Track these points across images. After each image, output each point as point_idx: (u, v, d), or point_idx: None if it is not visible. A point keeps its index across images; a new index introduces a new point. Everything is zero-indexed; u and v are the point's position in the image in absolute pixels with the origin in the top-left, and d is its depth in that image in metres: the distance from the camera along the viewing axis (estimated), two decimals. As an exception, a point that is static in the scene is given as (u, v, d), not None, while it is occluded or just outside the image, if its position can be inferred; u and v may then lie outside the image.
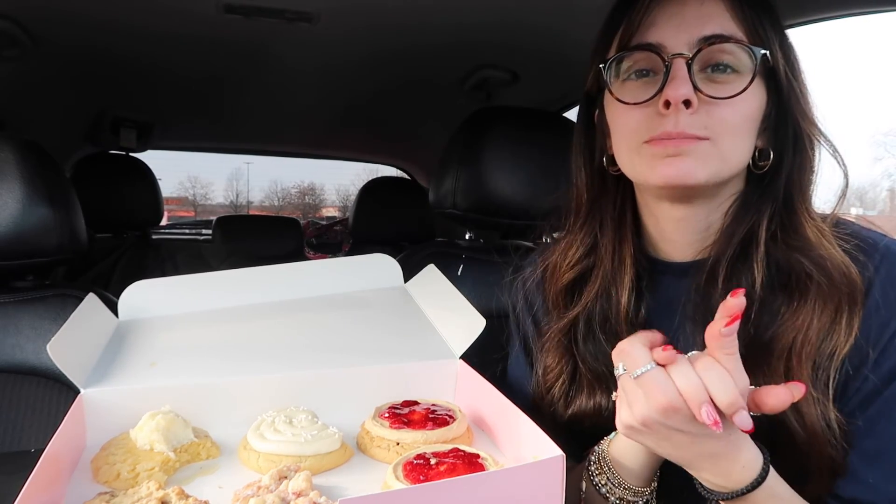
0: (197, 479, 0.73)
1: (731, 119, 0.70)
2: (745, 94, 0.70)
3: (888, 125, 15.89)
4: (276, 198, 16.78)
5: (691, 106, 0.69)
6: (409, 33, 1.46)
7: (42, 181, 1.12)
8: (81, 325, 0.91)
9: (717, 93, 0.70)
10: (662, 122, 0.71)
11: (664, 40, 0.72)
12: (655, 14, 0.73)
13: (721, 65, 0.71)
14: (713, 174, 0.72)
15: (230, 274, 1.10)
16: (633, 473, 0.73)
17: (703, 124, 0.70)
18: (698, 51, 0.70)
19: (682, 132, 0.70)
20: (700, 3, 0.72)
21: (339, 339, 0.99)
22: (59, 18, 1.38)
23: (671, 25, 0.72)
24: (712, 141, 0.70)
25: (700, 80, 0.70)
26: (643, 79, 0.74)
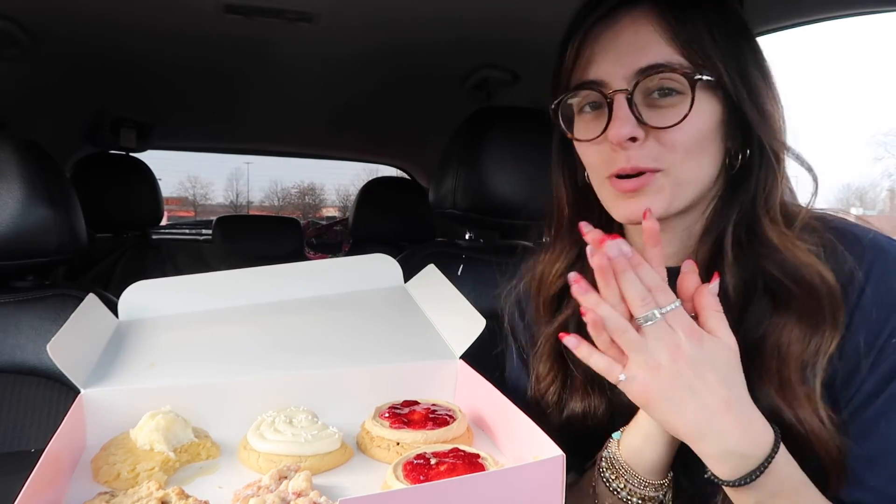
0: (197, 479, 0.73)
1: (682, 142, 0.71)
2: (692, 117, 0.70)
3: (888, 125, 15.89)
4: (276, 198, 16.77)
5: (637, 140, 0.70)
6: (409, 33, 1.46)
7: (42, 181, 1.12)
8: (81, 325, 0.91)
9: (662, 122, 0.70)
10: (616, 159, 0.72)
11: (603, 76, 0.73)
12: (593, 47, 0.74)
13: (663, 89, 0.71)
14: (670, 204, 0.72)
15: (230, 274, 1.10)
16: (649, 468, 0.73)
17: (654, 156, 0.71)
18: (636, 84, 0.70)
19: (635, 167, 0.71)
20: (634, 32, 0.72)
21: (340, 339, 0.99)
22: (59, 18, 1.38)
23: (608, 60, 0.73)
24: (665, 171, 0.71)
25: (644, 109, 0.71)
26: (596, 111, 0.76)
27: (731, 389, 0.64)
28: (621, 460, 0.74)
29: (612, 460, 0.75)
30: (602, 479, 0.75)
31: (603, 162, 0.75)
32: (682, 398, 0.63)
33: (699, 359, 0.63)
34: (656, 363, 0.63)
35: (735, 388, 0.64)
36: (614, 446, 0.75)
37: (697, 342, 0.63)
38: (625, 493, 0.73)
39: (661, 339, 0.63)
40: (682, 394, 0.63)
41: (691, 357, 0.63)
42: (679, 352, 0.63)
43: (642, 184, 0.72)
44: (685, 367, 0.63)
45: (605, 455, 0.76)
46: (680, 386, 0.63)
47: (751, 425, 0.64)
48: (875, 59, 29.42)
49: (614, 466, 0.74)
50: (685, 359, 0.63)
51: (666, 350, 0.63)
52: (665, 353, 0.63)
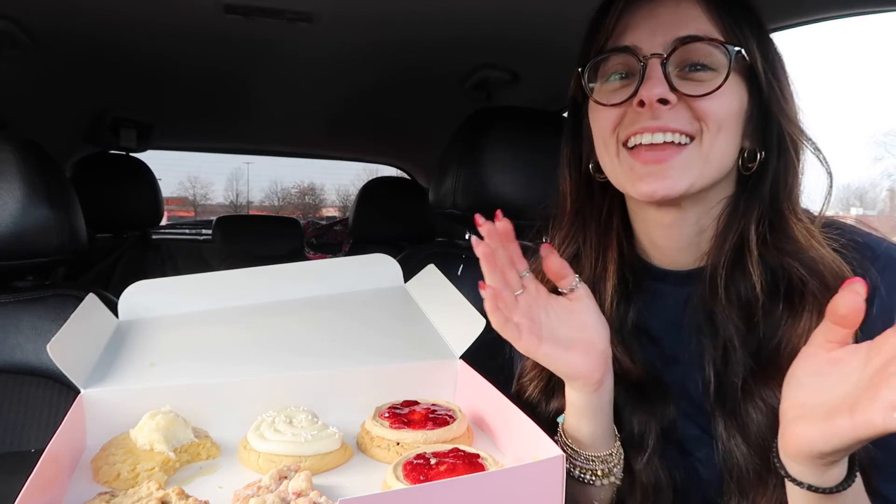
0: (197, 479, 0.73)
1: (714, 114, 0.70)
2: (724, 91, 0.70)
3: (888, 125, 15.88)
4: (276, 198, 16.77)
5: (668, 104, 0.70)
6: (409, 33, 1.46)
7: (42, 181, 1.12)
8: (81, 325, 0.91)
9: (694, 91, 0.70)
10: (640, 119, 0.71)
11: (639, 42, 0.72)
12: (630, 17, 0.74)
13: (697, 64, 0.71)
14: (695, 180, 0.71)
15: (230, 274, 1.10)
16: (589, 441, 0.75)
17: (687, 119, 0.71)
18: (673, 50, 0.70)
19: (663, 126, 0.70)
20: (676, 5, 0.72)
21: (340, 339, 0.99)
22: (59, 19, 1.38)
23: (646, 28, 0.72)
24: (697, 140, 0.71)
25: (677, 79, 0.71)
26: (622, 80, 0.75)
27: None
28: (568, 441, 0.77)
29: (563, 444, 0.78)
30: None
31: (624, 125, 0.73)
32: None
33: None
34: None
35: None
36: (560, 428, 0.78)
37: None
38: (577, 471, 0.76)
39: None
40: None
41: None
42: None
43: (666, 157, 0.71)
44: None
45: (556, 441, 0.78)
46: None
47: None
48: (875, 59, 29.43)
49: (564, 448, 0.77)
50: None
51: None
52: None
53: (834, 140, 0.77)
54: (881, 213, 12.36)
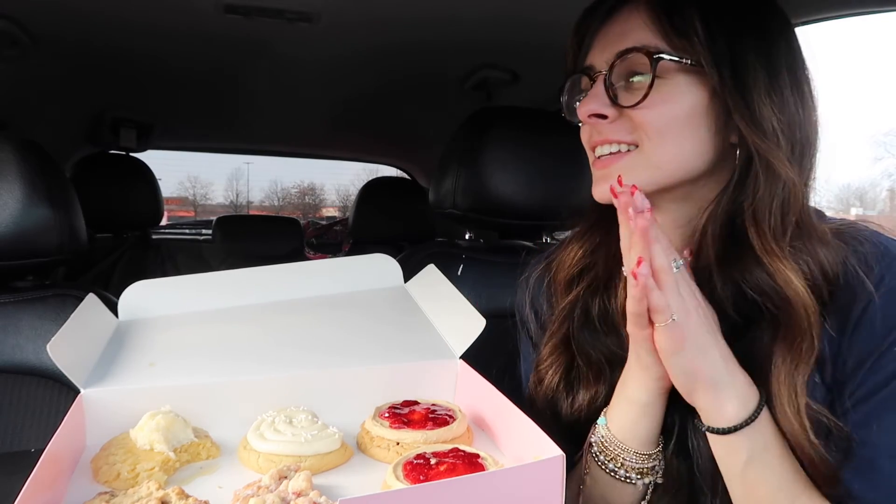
0: (197, 479, 0.73)
1: (653, 122, 0.72)
2: (663, 95, 0.71)
3: (888, 125, 15.87)
4: (276, 198, 16.77)
5: (607, 118, 0.75)
6: (409, 33, 1.46)
7: (42, 181, 1.12)
8: (81, 325, 0.91)
9: (628, 101, 0.73)
10: (592, 133, 0.78)
11: (593, 61, 0.78)
12: (589, 38, 0.79)
13: (635, 73, 0.74)
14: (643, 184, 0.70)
15: (230, 274, 1.10)
16: (644, 440, 0.75)
17: (626, 129, 0.74)
18: (611, 66, 0.74)
19: (605, 139, 0.76)
20: (625, 21, 0.76)
21: (339, 339, 0.99)
22: (59, 19, 1.38)
23: (598, 46, 0.78)
24: (640, 149, 0.74)
25: (620, 91, 0.75)
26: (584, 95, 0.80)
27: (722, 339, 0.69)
28: (616, 440, 0.76)
29: (603, 443, 0.77)
30: (597, 462, 0.77)
31: (586, 140, 0.81)
32: (708, 344, 0.67)
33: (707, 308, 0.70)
34: (687, 308, 0.67)
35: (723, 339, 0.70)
36: (602, 430, 0.78)
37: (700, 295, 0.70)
38: (622, 471, 0.76)
39: (684, 287, 0.68)
40: (706, 339, 0.67)
41: (704, 307, 0.69)
42: (697, 300, 0.69)
43: (610, 162, 0.76)
44: (704, 316, 0.68)
45: (594, 440, 0.78)
46: (705, 332, 0.67)
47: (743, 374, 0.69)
48: (875, 59, 29.43)
49: (607, 448, 0.77)
50: (703, 307, 0.69)
51: (690, 297, 0.68)
52: (692, 300, 0.68)
53: (834, 140, 0.75)
54: (881, 213, 12.36)
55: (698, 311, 0.68)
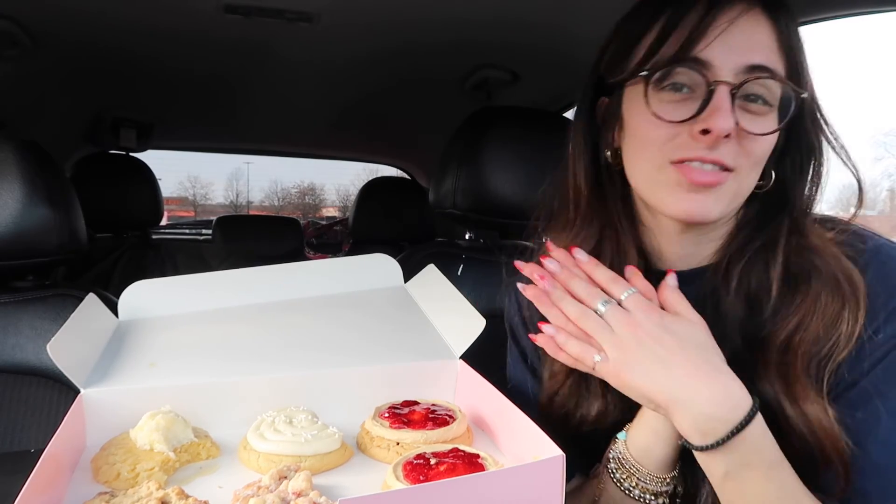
0: (197, 479, 0.73)
1: (757, 152, 0.70)
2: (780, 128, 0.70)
3: (888, 125, 15.88)
4: (276, 198, 16.78)
5: (729, 138, 0.68)
6: (409, 32, 1.46)
7: (42, 181, 1.12)
8: (81, 325, 0.91)
9: (753, 127, 0.68)
10: (696, 147, 0.69)
11: (712, 59, 0.68)
12: (707, 29, 0.69)
13: (757, 96, 0.69)
14: (725, 210, 0.72)
15: (230, 274, 1.10)
16: (659, 463, 0.73)
17: (734, 154, 0.69)
18: (744, 81, 0.67)
19: (717, 159, 0.68)
20: (752, 27, 0.69)
21: (339, 339, 0.99)
22: (59, 19, 1.38)
23: (722, 45, 0.68)
24: (736, 173, 0.70)
25: (738, 109, 0.68)
26: (679, 93, 0.70)
27: (700, 357, 0.66)
28: (631, 459, 0.74)
29: (620, 460, 0.76)
30: (612, 479, 0.76)
31: (674, 145, 0.70)
32: (651, 366, 0.66)
33: (660, 331, 0.67)
34: (619, 340, 0.68)
35: (705, 356, 0.66)
36: (621, 446, 0.76)
37: (656, 317, 0.68)
38: (637, 490, 0.74)
39: (620, 319, 0.69)
40: (649, 362, 0.66)
41: (651, 329, 0.67)
42: (638, 327, 0.68)
43: (716, 182, 0.69)
44: (646, 338, 0.67)
45: (612, 455, 0.77)
46: (645, 355, 0.67)
47: (725, 390, 0.65)
48: (875, 59, 29.42)
49: (624, 466, 0.75)
50: (645, 331, 0.67)
51: (626, 327, 0.68)
52: (625, 329, 0.68)
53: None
54: (881, 213, 12.35)
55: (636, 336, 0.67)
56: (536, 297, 0.73)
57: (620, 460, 0.76)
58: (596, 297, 0.70)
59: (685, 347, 0.66)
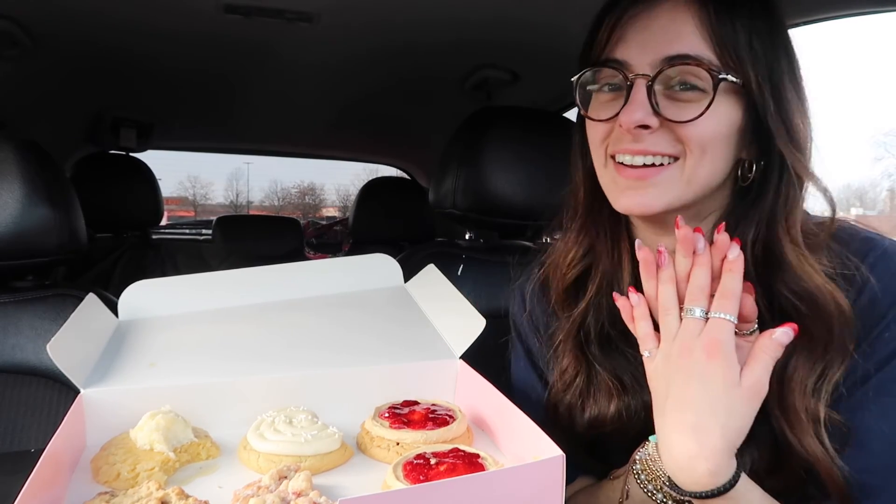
0: (197, 479, 0.73)
1: (697, 138, 0.70)
2: (712, 112, 0.69)
3: (888, 125, 15.88)
4: (276, 198, 16.78)
5: (650, 128, 0.70)
6: (409, 32, 1.46)
7: (42, 181, 1.12)
8: (81, 325, 0.91)
9: (677, 115, 0.69)
10: (624, 140, 0.72)
11: (629, 58, 0.72)
12: (624, 29, 0.73)
13: (685, 83, 0.70)
14: (674, 200, 0.71)
15: (230, 274, 1.10)
16: None
17: (668, 142, 0.70)
18: (660, 71, 0.69)
19: (643, 149, 0.71)
20: (670, 19, 0.71)
21: (339, 339, 0.99)
22: (59, 19, 1.38)
23: (638, 42, 0.72)
24: (680, 161, 0.71)
25: (662, 99, 0.70)
26: (613, 92, 0.75)
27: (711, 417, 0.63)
28: (659, 462, 0.72)
29: (647, 462, 0.74)
30: (637, 479, 0.75)
31: (612, 140, 0.74)
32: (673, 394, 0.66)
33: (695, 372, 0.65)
34: (669, 353, 0.66)
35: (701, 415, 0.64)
36: (651, 448, 0.74)
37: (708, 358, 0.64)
38: (660, 494, 0.73)
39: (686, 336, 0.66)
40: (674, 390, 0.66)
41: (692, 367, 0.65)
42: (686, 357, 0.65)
43: (647, 175, 0.71)
44: (684, 372, 0.65)
45: (639, 457, 0.75)
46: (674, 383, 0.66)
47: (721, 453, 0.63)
48: (875, 59, 29.43)
49: (650, 468, 0.74)
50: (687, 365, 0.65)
51: (681, 348, 0.66)
52: (678, 351, 0.66)
53: (834, 140, 0.75)
54: (881, 213, 12.34)
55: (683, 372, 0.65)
56: (646, 261, 0.71)
57: (647, 462, 0.74)
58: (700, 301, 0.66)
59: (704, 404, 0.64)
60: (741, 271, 0.66)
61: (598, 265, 0.84)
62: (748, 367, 0.65)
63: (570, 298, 0.86)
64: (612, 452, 0.82)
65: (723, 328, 0.65)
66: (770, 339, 0.65)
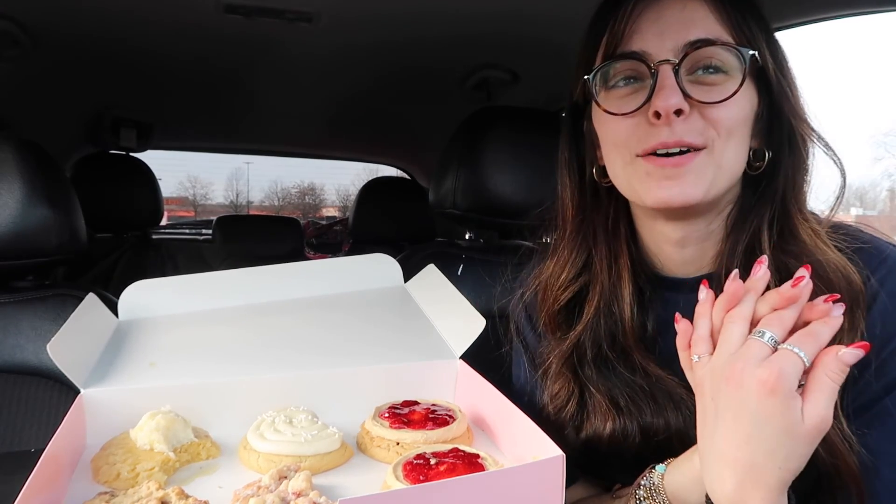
0: (197, 479, 0.73)
1: (726, 121, 0.69)
2: (737, 95, 0.69)
3: (888, 125, 15.88)
4: (276, 198, 16.75)
5: (683, 114, 0.68)
6: (409, 33, 1.46)
7: (42, 181, 1.12)
8: (81, 325, 0.91)
9: (708, 97, 0.69)
10: (656, 133, 0.69)
11: (648, 47, 0.71)
12: (638, 21, 0.72)
13: (710, 67, 0.70)
14: (710, 187, 0.70)
15: (230, 274, 1.10)
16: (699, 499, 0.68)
17: (699, 130, 0.69)
18: (684, 56, 0.69)
19: (679, 140, 0.68)
20: (682, 6, 0.71)
21: (339, 339, 0.99)
22: (59, 19, 1.38)
23: (653, 31, 0.71)
24: (709, 149, 0.69)
25: (689, 84, 0.69)
26: (630, 86, 0.73)
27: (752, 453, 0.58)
28: (664, 493, 0.70)
29: (653, 490, 0.72)
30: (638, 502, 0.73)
31: (636, 137, 0.71)
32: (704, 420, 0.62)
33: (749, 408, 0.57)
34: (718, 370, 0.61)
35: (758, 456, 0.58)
36: (657, 478, 0.72)
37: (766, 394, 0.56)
38: None
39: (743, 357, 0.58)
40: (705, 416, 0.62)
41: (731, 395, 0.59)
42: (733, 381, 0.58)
43: (684, 162, 0.69)
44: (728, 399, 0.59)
45: (644, 483, 0.73)
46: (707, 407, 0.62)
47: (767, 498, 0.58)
48: (875, 59, 29.44)
49: (653, 497, 0.71)
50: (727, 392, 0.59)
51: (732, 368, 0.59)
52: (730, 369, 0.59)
53: (834, 140, 0.76)
54: (881, 213, 12.34)
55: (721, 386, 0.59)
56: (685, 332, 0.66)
57: (652, 490, 0.71)
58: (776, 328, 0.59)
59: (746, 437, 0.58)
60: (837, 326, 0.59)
61: (595, 285, 0.81)
62: (810, 398, 0.56)
63: (563, 321, 0.84)
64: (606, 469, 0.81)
65: (794, 364, 0.57)
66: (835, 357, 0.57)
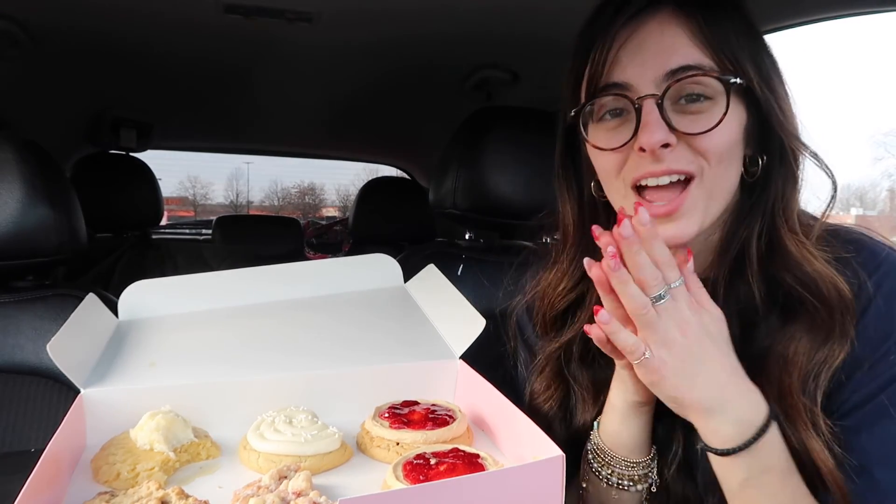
0: (197, 479, 0.73)
1: (715, 149, 0.69)
2: (723, 122, 0.68)
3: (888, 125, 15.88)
4: (276, 198, 16.74)
5: (670, 146, 0.68)
6: (409, 32, 1.46)
7: (42, 181, 1.12)
8: (81, 325, 0.91)
9: (694, 127, 0.68)
10: (644, 164, 0.70)
11: (630, 79, 0.70)
12: (619, 51, 0.71)
13: (693, 94, 0.69)
14: (704, 218, 0.71)
15: (230, 274, 1.10)
16: (630, 448, 0.75)
17: (689, 159, 0.69)
18: (667, 88, 0.68)
19: (668, 169, 0.69)
20: (660, 34, 0.70)
21: (339, 339, 0.99)
22: (59, 19, 1.38)
23: (636, 63, 0.70)
24: (699, 177, 0.70)
25: (674, 115, 0.69)
26: (617, 118, 0.73)
27: (729, 358, 0.66)
28: (605, 447, 0.76)
29: (595, 450, 0.78)
30: (591, 469, 0.78)
31: (629, 167, 0.72)
32: (695, 371, 0.65)
33: (701, 331, 0.65)
34: (670, 339, 0.65)
35: (731, 357, 0.67)
36: (595, 436, 0.77)
37: (698, 314, 0.66)
38: (614, 477, 0.76)
39: (672, 315, 0.65)
40: (694, 367, 0.65)
41: (696, 330, 0.65)
42: (686, 326, 0.65)
43: (676, 207, 0.69)
44: (693, 341, 0.65)
45: (588, 447, 0.78)
46: (691, 359, 0.65)
47: (750, 392, 0.66)
48: (875, 59, 29.44)
49: (599, 455, 0.77)
50: (692, 332, 0.65)
51: (675, 325, 0.65)
52: (675, 329, 0.65)
53: (834, 140, 0.75)
54: (881, 213, 12.33)
55: (686, 337, 0.64)
56: (599, 280, 0.67)
57: (595, 450, 0.77)
58: (660, 284, 0.64)
59: (720, 350, 0.66)
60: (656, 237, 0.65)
61: (592, 294, 0.82)
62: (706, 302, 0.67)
63: (557, 325, 0.87)
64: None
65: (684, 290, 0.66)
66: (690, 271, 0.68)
